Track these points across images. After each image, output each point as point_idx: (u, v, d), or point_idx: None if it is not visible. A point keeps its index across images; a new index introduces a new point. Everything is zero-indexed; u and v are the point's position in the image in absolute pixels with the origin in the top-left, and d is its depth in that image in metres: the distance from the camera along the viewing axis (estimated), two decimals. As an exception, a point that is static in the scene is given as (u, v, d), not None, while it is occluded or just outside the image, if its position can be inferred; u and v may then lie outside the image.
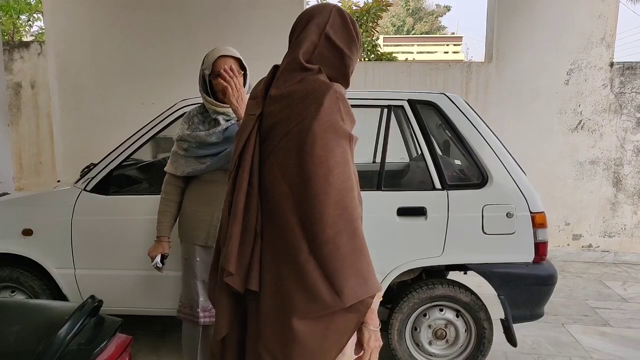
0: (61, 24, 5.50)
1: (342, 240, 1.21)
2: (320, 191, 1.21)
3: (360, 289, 1.22)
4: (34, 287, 2.88)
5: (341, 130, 1.27)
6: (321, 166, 1.22)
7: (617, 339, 3.37)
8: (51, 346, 1.25)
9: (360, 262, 1.23)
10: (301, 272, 1.23)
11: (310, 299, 1.22)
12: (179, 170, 2.19)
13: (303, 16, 1.42)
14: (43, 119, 6.04)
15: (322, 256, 1.21)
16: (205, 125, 2.19)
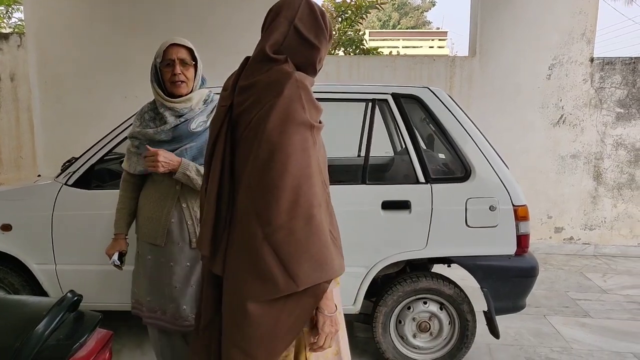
0: (41, 16, 5.39)
1: (297, 225, 1.24)
2: (276, 177, 1.24)
3: (315, 273, 1.25)
4: (14, 284, 2.84)
5: (300, 117, 1.28)
6: (278, 153, 1.25)
7: (597, 329, 3.43)
8: (29, 342, 1.23)
9: (315, 248, 1.25)
10: (256, 257, 1.25)
11: (264, 283, 1.25)
12: (131, 167, 2.16)
13: (273, 8, 1.44)
14: (23, 113, 5.92)
15: (276, 241, 1.24)
16: (156, 122, 2.12)
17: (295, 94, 1.30)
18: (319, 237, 1.26)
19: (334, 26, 7.13)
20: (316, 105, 1.35)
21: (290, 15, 1.38)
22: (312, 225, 1.25)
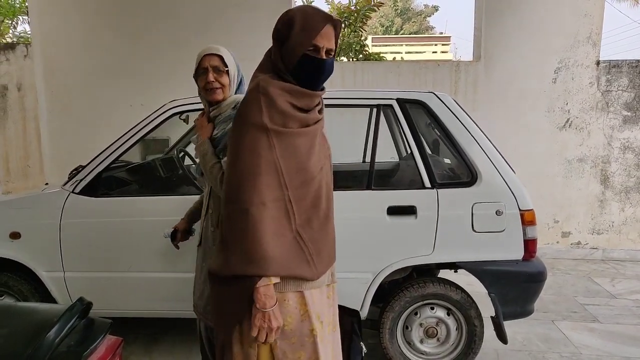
0: (47, 26, 5.45)
1: (234, 217, 1.41)
2: (228, 173, 1.45)
3: (242, 265, 1.39)
4: (23, 291, 2.85)
5: (253, 119, 1.42)
6: (231, 152, 1.45)
7: (605, 334, 3.41)
8: (40, 349, 1.24)
9: (246, 243, 1.38)
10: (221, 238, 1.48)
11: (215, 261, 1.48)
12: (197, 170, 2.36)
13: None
14: (30, 122, 5.97)
15: (225, 227, 1.44)
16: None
17: (254, 98, 1.44)
18: (253, 233, 1.37)
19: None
20: (279, 109, 1.43)
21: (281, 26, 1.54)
22: (247, 220, 1.37)
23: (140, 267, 2.80)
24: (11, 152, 6.02)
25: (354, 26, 7.11)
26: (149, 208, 2.81)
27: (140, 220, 2.79)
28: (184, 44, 5.19)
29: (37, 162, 5.94)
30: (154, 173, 3.48)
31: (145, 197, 2.96)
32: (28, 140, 6.00)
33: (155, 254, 2.77)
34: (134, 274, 2.81)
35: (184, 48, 5.21)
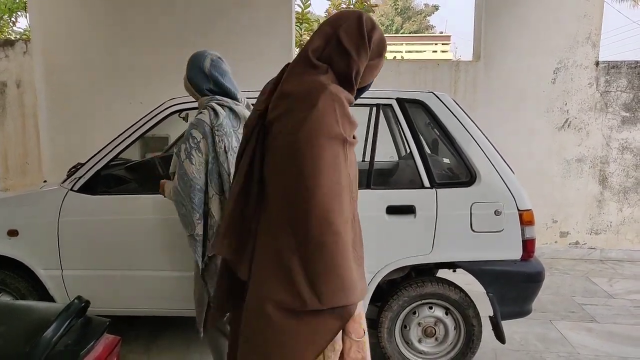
0: (47, 22, 5.43)
1: (327, 241, 1.21)
2: (308, 193, 1.22)
3: (340, 293, 1.22)
4: (20, 289, 2.85)
5: (333, 131, 1.25)
6: (311, 168, 1.23)
7: (603, 334, 3.41)
8: (37, 347, 1.24)
9: (342, 268, 1.22)
10: (285, 267, 1.25)
11: (289, 294, 1.24)
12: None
13: (328, 19, 1.45)
14: (29, 119, 5.95)
15: (306, 256, 1.23)
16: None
17: (330, 107, 1.27)
18: (345, 257, 1.23)
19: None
20: (351, 120, 1.32)
21: (337, 26, 1.37)
22: (339, 243, 1.22)
23: (138, 266, 2.80)
24: (10, 149, 6.00)
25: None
26: (147, 206, 2.80)
27: (138, 219, 2.79)
28: (184, 42, 5.18)
29: (35, 159, 5.92)
30: (153, 171, 3.48)
31: (144, 195, 2.96)
32: (27, 137, 5.99)
33: (154, 253, 2.77)
34: (132, 272, 2.81)
35: (184, 46, 5.19)
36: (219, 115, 2.08)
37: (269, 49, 5.19)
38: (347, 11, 1.45)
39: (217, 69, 2.17)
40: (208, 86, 2.17)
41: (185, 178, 2.05)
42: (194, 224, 2.08)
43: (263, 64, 5.48)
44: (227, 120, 2.11)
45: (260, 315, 1.27)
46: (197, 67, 2.17)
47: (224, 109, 2.13)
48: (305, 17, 6.91)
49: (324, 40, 1.37)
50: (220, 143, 2.05)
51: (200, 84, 2.18)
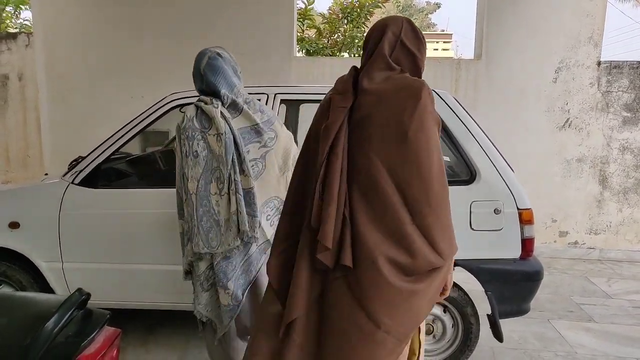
0: (49, 16, 5.43)
1: (442, 212, 1.47)
2: (425, 172, 1.44)
3: (451, 249, 1.49)
4: (22, 281, 2.86)
5: (435, 119, 1.49)
6: (425, 150, 1.45)
7: (601, 334, 3.43)
8: (38, 339, 1.25)
9: (450, 229, 1.50)
10: (407, 240, 1.44)
11: (416, 260, 1.44)
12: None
13: (379, 26, 1.62)
14: (31, 112, 5.96)
15: (425, 225, 1.44)
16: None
17: (430, 100, 1.48)
18: (450, 219, 1.50)
19: (339, 28, 7.14)
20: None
21: (397, 32, 1.58)
22: (449, 211, 1.49)
23: (138, 259, 2.81)
24: (11, 142, 6.01)
25: (357, 22, 7.09)
26: (147, 200, 2.81)
27: (138, 212, 2.80)
28: (185, 36, 5.18)
29: (37, 152, 5.93)
30: (153, 165, 3.49)
31: (144, 189, 2.97)
32: (28, 131, 5.99)
33: (154, 246, 2.78)
34: (132, 265, 2.82)
35: (186, 40, 5.20)
36: (185, 119, 2.07)
37: (270, 44, 5.19)
38: (393, 18, 1.63)
39: (210, 67, 2.10)
40: (201, 86, 2.14)
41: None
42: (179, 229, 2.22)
43: (264, 59, 5.49)
44: (193, 123, 2.05)
45: (394, 293, 1.43)
46: (196, 67, 2.14)
47: (197, 110, 2.08)
48: (307, 13, 6.90)
49: (391, 47, 1.57)
50: (182, 147, 2.06)
51: (196, 83, 2.18)
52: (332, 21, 7.07)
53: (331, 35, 7.17)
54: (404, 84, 1.50)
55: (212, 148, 2.04)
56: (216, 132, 2.03)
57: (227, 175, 2.02)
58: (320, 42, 7.11)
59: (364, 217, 1.47)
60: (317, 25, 7.17)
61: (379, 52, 1.56)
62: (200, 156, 2.03)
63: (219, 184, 2.04)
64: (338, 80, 1.63)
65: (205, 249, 2.03)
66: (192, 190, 2.03)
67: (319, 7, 27.17)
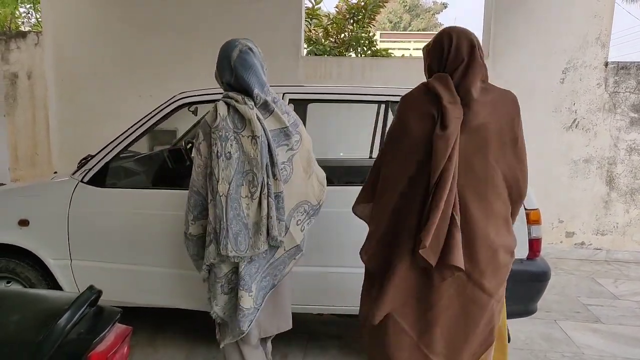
0: (58, 14, 5.47)
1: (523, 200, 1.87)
2: (526, 170, 1.80)
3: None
4: (30, 278, 2.88)
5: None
6: (525, 154, 1.80)
7: (608, 335, 3.42)
8: (51, 335, 1.26)
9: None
10: (508, 224, 1.79)
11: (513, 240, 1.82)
12: None
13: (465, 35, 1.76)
14: (39, 110, 6.00)
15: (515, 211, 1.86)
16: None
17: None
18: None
19: (346, 27, 7.13)
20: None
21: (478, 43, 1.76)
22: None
23: (145, 258, 2.83)
24: (20, 140, 6.05)
25: (362, 22, 7.08)
26: (156, 200, 2.82)
27: (145, 213, 2.81)
28: (193, 35, 5.20)
29: (45, 150, 5.97)
30: (162, 164, 3.50)
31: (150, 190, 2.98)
32: (37, 129, 6.03)
33: (163, 247, 2.79)
34: (139, 265, 2.84)
35: (195, 39, 5.23)
36: (217, 117, 1.96)
37: (278, 43, 5.20)
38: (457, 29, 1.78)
39: (242, 62, 2.00)
40: (229, 80, 2.03)
41: (193, 182, 2.06)
42: (187, 223, 2.11)
43: (271, 58, 5.47)
44: (226, 122, 1.95)
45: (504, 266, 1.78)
46: (225, 59, 2.02)
47: (229, 108, 1.98)
48: (315, 13, 6.91)
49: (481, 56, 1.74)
50: (214, 147, 1.94)
51: (222, 76, 2.06)
52: (339, 21, 7.07)
53: (338, 35, 7.17)
54: (506, 95, 1.76)
55: (245, 150, 1.96)
56: (251, 135, 1.95)
57: (260, 180, 1.95)
58: (328, 44, 7.12)
59: (481, 214, 1.68)
60: (324, 25, 7.17)
61: (477, 62, 1.72)
62: (232, 158, 1.94)
63: (251, 188, 1.96)
64: (438, 87, 1.70)
65: (233, 252, 1.95)
66: (223, 192, 1.93)
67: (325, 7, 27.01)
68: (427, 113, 1.69)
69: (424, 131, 1.69)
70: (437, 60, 1.78)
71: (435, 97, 1.69)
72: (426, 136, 1.67)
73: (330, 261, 2.75)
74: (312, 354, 3.08)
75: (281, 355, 3.03)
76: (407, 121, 1.75)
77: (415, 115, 1.73)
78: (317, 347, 3.16)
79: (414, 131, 1.72)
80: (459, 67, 1.72)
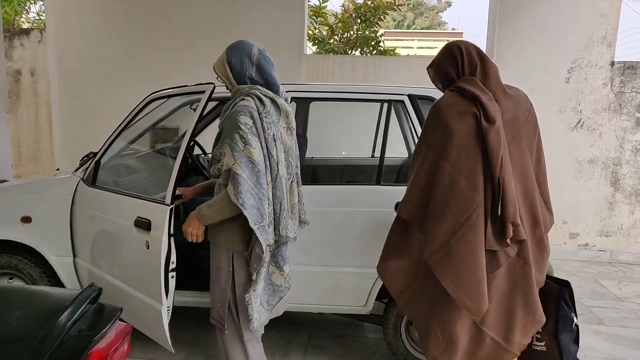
0: (61, 12, 5.47)
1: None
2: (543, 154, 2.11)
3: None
4: (32, 275, 2.89)
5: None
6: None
7: (610, 337, 3.40)
8: (52, 332, 1.26)
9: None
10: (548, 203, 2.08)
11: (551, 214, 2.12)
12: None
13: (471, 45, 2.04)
14: (42, 107, 6.02)
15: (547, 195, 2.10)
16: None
17: None
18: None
19: (352, 27, 7.12)
20: None
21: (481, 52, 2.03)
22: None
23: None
24: (23, 136, 6.07)
25: (370, 21, 7.06)
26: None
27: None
28: (196, 32, 5.20)
29: (47, 147, 5.99)
30: (163, 162, 3.50)
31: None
32: (40, 125, 6.05)
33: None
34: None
35: (197, 37, 5.23)
36: (265, 103, 1.98)
37: (281, 41, 5.19)
38: (461, 40, 2.05)
39: (265, 58, 2.08)
40: (251, 74, 2.06)
41: (251, 165, 1.90)
42: (264, 213, 1.95)
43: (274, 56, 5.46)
44: (272, 109, 2.02)
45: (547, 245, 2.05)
46: (245, 53, 2.06)
47: (266, 99, 2.02)
48: (321, 11, 6.90)
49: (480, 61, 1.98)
50: (269, 130, 1.96)
51: (243, 70, 2.06)
52: (345, 20, 7.05)
53: (344, 34, 7.15)
54: (519, 90, 2.08)
55: (283, 139, 2.08)
56: (286, 126, 2.12)
57: (294, 168, 2.16)
58: (334, 44, 7.10)
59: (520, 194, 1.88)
60: (330, 23, 7.15)
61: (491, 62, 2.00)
62: (282, 143, 2.07)
63: (287, 175, 2.10)
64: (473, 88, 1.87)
65: (292, 234, 2.08)
66: (283, 174, 2.02)
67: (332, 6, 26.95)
68: (468, 111, 1.84)
69: (467, 129, 1.83)
70: (454, 68, 1.98)
71: (472, 98, 1.85)
72: (471, 134, 1.82)
73: (332, 260, 2.74)
74: (312, 352, 3.07)
75: (282, 354, 3.03)
76: (448, 124, 1.86)
77: (456, 117, 1.85)
78: (317, 346, 3.15)
79: (460, 129, 1.83)
80: (477, 70, 1.94)
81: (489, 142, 1.79)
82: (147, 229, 2.25)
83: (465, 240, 1.80)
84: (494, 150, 1.79)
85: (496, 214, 1.82)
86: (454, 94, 1.92)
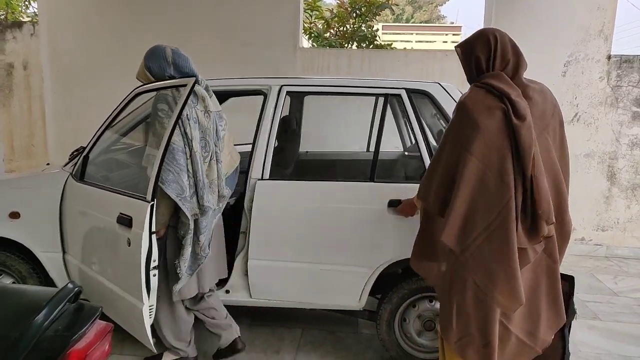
0: (54, 5, 5.41)
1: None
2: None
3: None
4: (21, 271, 2.86)
5: None
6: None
7: (605, 332, 3.38)
8: (27, 332, 1.23)
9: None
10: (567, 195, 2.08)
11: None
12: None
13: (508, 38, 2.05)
14: (35, 101, 5.96)
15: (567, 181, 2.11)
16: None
17: None
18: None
19: (348, 21, 7.06)
20: None
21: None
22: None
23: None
24: (16, 130, 6.02)
25: (365, 16, 7.00)
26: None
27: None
28: (190, 26, 5.13)
29: (41, 141, 5.94)
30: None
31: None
32: (33, 120, 6.00)
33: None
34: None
35: (191, 31, 5.17)
36: (180, 90, 2.26)
37: (275, 35, 5.14)
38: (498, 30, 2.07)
39: (180, 56, 2.41)
40: (170, 73, 2.39)
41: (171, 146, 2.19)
42: (184, 185, 2.23)
43: (269, 49, 5.44)
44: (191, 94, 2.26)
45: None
46: (160, 57, 2.39)
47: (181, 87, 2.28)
48: (315, 5, 6.85)
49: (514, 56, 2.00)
50: (184, 111, 2.22)
51: (162, 72, 2.39)
52: (341, 14, 6.99)
53: (340, 28, 7.10)
54: (545, 86, 2.04)
55: (200, 120, 2.33)
56: (204, 109, 2.37)
57: (212, 147, 2.35)
58: (330, 39, 7.05)
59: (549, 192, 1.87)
60: (326, 17, 7.10)
61: (523, 58, 2.02)
62: (197, 123, 2.31)
63: (204, 152, 2.32)
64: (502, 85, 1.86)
65: (212, 205, 2.32)
66: (196, 149, 2.26)
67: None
68: (497, 107, 1.81)
69: (496, 125, 1.80)
70: (485, 55, 1.95)
71: (500, 95, 1.83)
72: (500, 129, 1.80)
73: (325, 257, 2.71)
74: (304, 349, 3.05)
75: (274, 350, 3.01)
76: (477, 120, 1.82)
77: (484, 113, 1.82)
78: (309, 342, 3.13)
79: (489, 125, 1.81)
80: (509, 65, 1.93)
81: (521, 140, 1.77)
82: (128, 225, 2.22)
83: (497, 236, 1.79)
84: (526, 147, 1.78)
85: (527, 211, 1.81)
86: (481, 90, 1.88)
